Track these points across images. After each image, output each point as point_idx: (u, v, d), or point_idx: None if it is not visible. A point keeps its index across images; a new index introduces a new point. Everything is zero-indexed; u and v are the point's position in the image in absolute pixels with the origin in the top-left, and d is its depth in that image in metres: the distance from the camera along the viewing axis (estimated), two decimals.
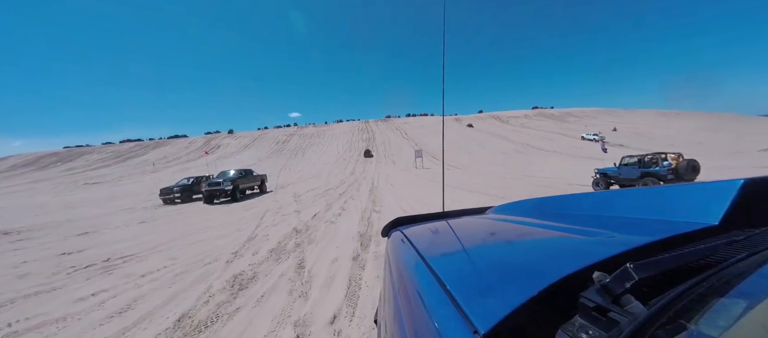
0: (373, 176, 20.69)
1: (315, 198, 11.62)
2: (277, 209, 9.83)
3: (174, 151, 59.39)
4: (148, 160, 51.05)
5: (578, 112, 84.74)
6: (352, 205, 9.39)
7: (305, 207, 9.75)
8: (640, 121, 66.63)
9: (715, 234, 0.56)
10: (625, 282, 0.36)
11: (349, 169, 27.57)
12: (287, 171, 29.39)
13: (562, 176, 15.59)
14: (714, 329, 0.30)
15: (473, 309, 0.43)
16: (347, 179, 19.64)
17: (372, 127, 73.02)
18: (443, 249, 0.88)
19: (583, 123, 65.18)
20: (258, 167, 34.82)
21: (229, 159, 44.68)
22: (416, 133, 57.40)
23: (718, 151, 24.53)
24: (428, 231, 1.06)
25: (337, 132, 68.45)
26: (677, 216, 0.64)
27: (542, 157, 28.17)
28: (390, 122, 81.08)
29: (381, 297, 1.01)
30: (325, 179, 20.81)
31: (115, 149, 69.39)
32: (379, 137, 56.28)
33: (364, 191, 13.07)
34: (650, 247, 0.52)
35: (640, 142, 37.23)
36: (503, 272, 0.58)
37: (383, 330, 0.77)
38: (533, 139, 43.55)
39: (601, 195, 0.99)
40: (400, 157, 35.96)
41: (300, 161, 38.09)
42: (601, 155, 25.93)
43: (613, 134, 46.81)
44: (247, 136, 73.74)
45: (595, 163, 18.05)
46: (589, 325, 0.36)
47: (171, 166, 41.85)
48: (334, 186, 16.08)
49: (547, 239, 0.78)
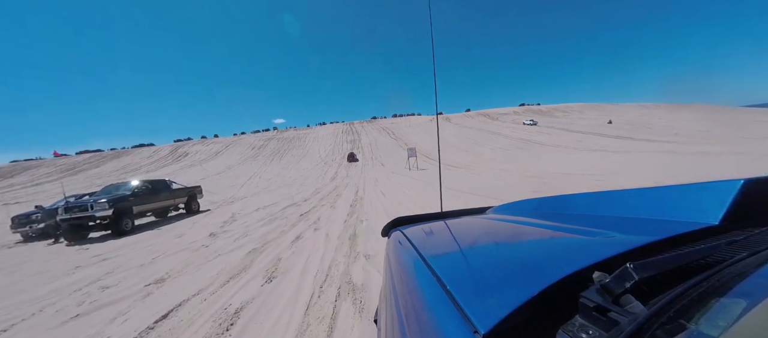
0: (358, 182, 16.41)
1: (256, 227, 7.32)
2: (150, 261, 5.52)
3: (135, 162, 53.10)
4: (101, 172, 44.77)
5: (564, 107, 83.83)
6: (314, 244, 5.19)
7: (215, 254, 5.48)
8: (629, 113, 65.60)
9: (715, 234, 0.56)
10: (625, 282, 0.36)
11: (329, 174, 23.22)
12: (256, 180, 24.69)
13: (584, 170, 12.22)
14: (714, 329, 0.30)
15: (473, 309, 0.43)
16: (324, 188, 15.31)
17: (357, 128, 68.78)
18: (443, 249, 0.87)
19: (570, 117, 63.58)
20: (225, 175, 29.90)
21: (193, 168, 39.31)
22: (405, 133, 53.64)
23: (734, 137, 21.76)
24: (428, 231, 1.04)
25: (320, 135, 63.80)
26: (677, 216, 0.64)
27: (547, 151, 24.98)
28: (376, 123, 77.08)
29: (381, 297, 1.00)
30: (295, 188, 16.38)
31: (68, 161, 61.92)
32: (365, 139, 52.09)
33: (343, 207, 8.84)
34: (650, 247, 0.52)
35: (640, 132, 34.95)
36: (503, 272, 0.57)
37: (383, 330, 0.76)
38: (529, 135, 40.67)
39: (602, 196, 0.94)
40: (390, 158, 31.90)
41: (274, 167, 33.37)
42: (607, 145, 23.76)
43: (609, 127, 44.85)
44: (219, 142, 67.82)
45: (605, 154, 14.65)
46: (589, 325, 0.37)
47: (115, 179, 36.08)
48: (303, 199, 11.74)
49: (547, 239, 0.78)
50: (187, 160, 49.61)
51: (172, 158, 53.50)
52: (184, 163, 45.82)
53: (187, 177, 30.92)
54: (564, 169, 13.36)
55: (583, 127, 42.57)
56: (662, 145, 21.11)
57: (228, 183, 23.89)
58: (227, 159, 45.95)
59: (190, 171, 38.02)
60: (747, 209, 0.57)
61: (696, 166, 10.47)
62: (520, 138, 38.17)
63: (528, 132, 43.44)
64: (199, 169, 37.84)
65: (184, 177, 30.28)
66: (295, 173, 26.71)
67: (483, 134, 45.12)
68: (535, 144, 32.34)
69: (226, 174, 31.21)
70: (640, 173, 10.24)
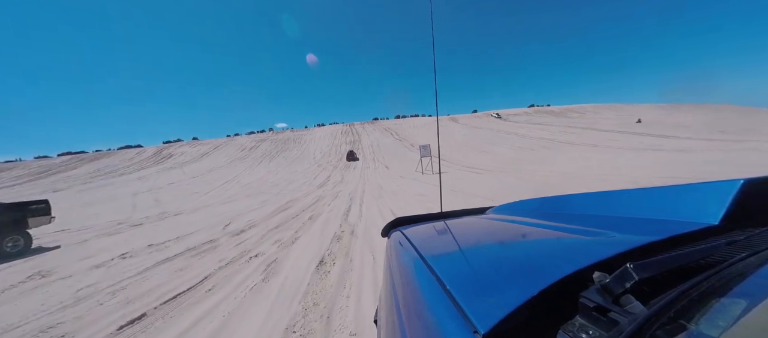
0: (353, 191, 11.75)
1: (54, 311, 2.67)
2: None
3: (113, 163, 48.78)
4: (73, 176, 40.33)
5: (578, 108, 79.51)
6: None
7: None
8: (648, 113, 61.14)
9: (715, 234, 0.56)
10: (625, 282, 0.36)
11: (319, 179, 18.63)
12: (230, 186, 20.09)
13: (642, 172, 8.69)
14: (714, 329, 0.30)
15: (473, 309, 0.43)
16: (304, 198, 10.68)
17: (358, 129, 64.28)
18: (443, 250, 0.85)
19: (587, 118, 59.20)
20: (201, 180, 25.24)
21: (171, 171, 34.81)
22: (410, 134, 49.10)
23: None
24: (428, 232, 1.04)
25: (317, 136, 59.34)
26: (677, 216, 0.64)
27: (581, 151, 20.81)
28: (378, 124, 72.65)
29: (381, 297, 1.00)
30: (261, 198, 11.76)
31: (46, 163, 57.67)
32: (366, 140, 47.53)
33: (312, 248, 4.20)
34: (650, 247, 0.52)
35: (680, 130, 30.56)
36: (503, 272, 0.57)
37: (383, 330, 0.76)
38: (551, 134, 36.09)
39: (601, 196, 0.94)
40: (395, 159, 27.29)
41: (259, 170, 28.84)
42: (656, 143, 20.14)
43: (639, 126, 40.50)
44: (208, 143, 63.36)
45: (660, 153, 11.03)
46: (590, 325, 0.36)
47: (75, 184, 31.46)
48: (261, 219, 7.11)
49: (547, 239, 0.77)
50: (170, 162, 45.19)
51: (154, 160, 49.18)
52: (165, 166, 41.41)
53: (159, 180, 26.49)
54: (642, 171, 9.58)
55: (611, 126, 38.02)
56: (728, 143, 16.63)
57: (193, 189, 19.29)
58: (213, 161, 41.54)
59: (168, 174, 33.53)
60: (747, 209, 0.57)
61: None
62: (542, 137, 33.59)
63: (550, 131, 38.91)
64: (177, 172, 33.33)
65: (154, 181, 25.84)
66: (280, 177, 22.16)
67: (496, 134, 40.55)
68: (563, 143, 27.77)
69: (203, 178, 26.62)
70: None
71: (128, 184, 26.29)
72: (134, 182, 27.43)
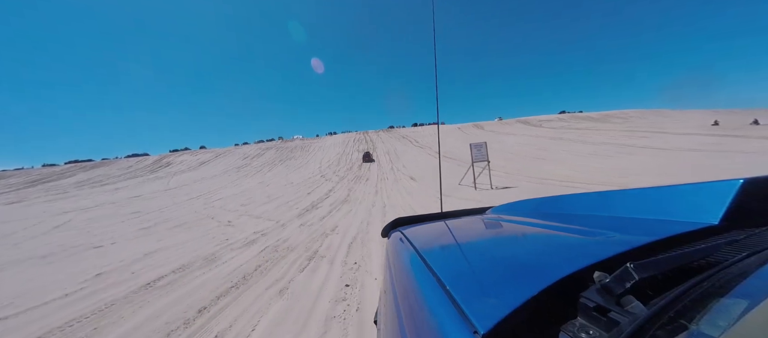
0: (361, 225, 5.58)
1: None
2: None
3: (108, 172, 45.29)
4: (57, 186, 36.53)
5: (620, 114, 71.11)
6: None
7: None
8: (705, 118, 52.50)
9: (715, 234, 0.56)
10: (626, 282, 0.36)
11: (319, 192, 12.68)
12: (199, 203, 14.48)
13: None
14: (714, 329, 0.30)
15: (473, 309, 0.42)
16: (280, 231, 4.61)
17: (372, 136, 58.84)
18: (443, 250, 0.84)
19: (631, 123, 51.25)
20: (174, 192, 19.91)
21: (157, 181, 30.12)
22: (431, 142, 42.84)
23: None
24: (428, 232, 1.04)
25: (328, 143, 54.20)
26: (677, 216, 0.64)
27: (672, 156, 14.63)
28: (394, 132, 66.89)
29: (381, 297, 0.99)
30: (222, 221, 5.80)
31: (48, 171, 55.38)
32: (381, 147, 41.72)
33: None
34: (650, 247, 0.52)
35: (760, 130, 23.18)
36: (503, 272, 0.57)
37: (383, 330, 0.75)
38: (615, 139, 29.03)
39: (601, 196, 0.93)
40: (418, 168, 21.10)
41: (250, 182, 23.39)
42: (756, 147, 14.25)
43: (718, 128, 32.87)
44: (210, 151, 59.73)
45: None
46: (590, 325, 0.36)
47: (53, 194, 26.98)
48: None
49: (547, 239, 0.76)
50: (164, 171, 40.99)
51: (150, 169, 45.32)
52: (156, 175, 37.07)
53: (127, 193, 21.56)
54: None
55: (690, 129, 30.40)
56: None
57: (156, 205, 13.78)
58: (208, 170, 36.88)
59: (149, 185, 28.78)
60: (747, 209, 0.57)
61: None
62: (605, 143, 26.59)
63: (611, 136, 31.80)
64: (160, 183, 28.51)
65: (122, 194, 20.91)
66: (270, 191, 16.42)
67: (552, 141, 33.67)
68: (642, 149, 20.79)
69: (180, 189, 21.33)
70: None
71: (93, 196, 21.41)
72: (104, 194, 22.66)
